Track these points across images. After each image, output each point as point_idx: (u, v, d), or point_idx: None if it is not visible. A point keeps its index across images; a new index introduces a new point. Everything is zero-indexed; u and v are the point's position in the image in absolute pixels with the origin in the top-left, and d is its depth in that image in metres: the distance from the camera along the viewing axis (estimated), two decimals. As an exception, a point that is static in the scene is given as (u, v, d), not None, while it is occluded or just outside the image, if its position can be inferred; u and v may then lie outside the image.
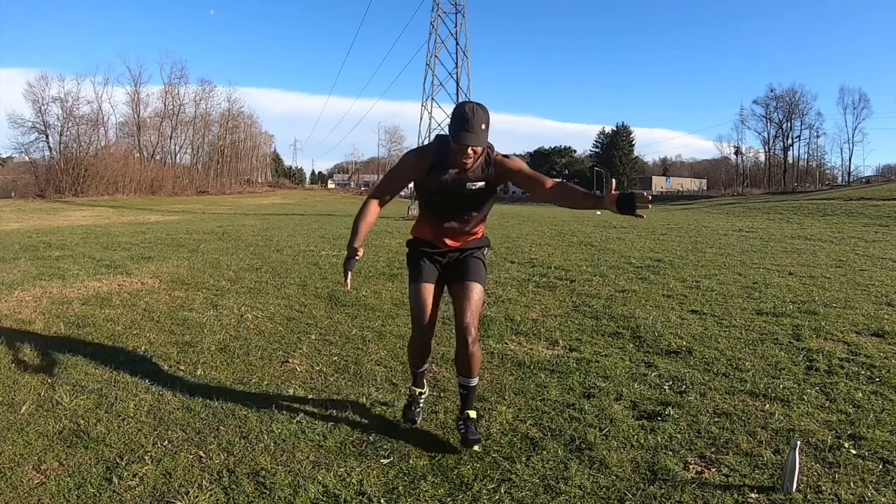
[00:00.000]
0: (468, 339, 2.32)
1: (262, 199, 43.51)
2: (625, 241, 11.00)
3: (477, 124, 2.13)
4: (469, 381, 2.42)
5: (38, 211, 23.27)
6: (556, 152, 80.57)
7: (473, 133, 2.12)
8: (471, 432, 2.35)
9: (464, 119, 2.12)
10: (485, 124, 2.15)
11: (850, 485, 2.09)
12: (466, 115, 2.12)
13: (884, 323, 4.38)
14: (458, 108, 2.18)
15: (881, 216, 17.05)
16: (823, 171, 62.26)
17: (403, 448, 2.38)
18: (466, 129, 2.12)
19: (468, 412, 2.42)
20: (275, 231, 13.36)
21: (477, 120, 2.13)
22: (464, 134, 2.12)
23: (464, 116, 2.13)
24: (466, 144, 2.14)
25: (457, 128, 2.14)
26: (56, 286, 5.72)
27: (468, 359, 2.35)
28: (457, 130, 2.14)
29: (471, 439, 2.32)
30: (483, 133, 2.15)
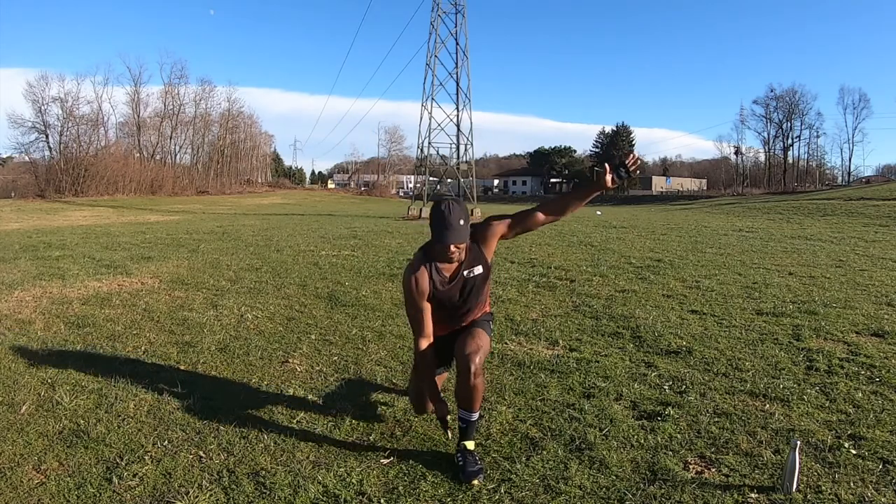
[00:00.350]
0: (471, 369, 2.19)
1: (262, 199, 43.50)
2: (625, 241, 11.00)
3: (455, 221, 2.18)
4: (470, 416, 2.27)
5: (38, 211, 23.27)
6: (556, 152, 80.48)
7: (454, 230, 2.18)
8: (469, 464, 2.18)
9: (442, 219, 2.18)
10: (463, 219, 2.20)
11: (850, 485, 2.09)
12: (443, 214, 2.18)
13: (884, 323, 4.38)
14: (434, 210, 2.23)
15: (881, 216, 17.05)
16: (823, 171, 62.25)
17: (403, 448, 2.38)
18: (446, 228, 2.17)
19: (465, 443, 2.25)
20: (275, 231, 13.36)
21: (454, 217, 2.18)
22: (445, 233, 2.18)
23: (441, 217, 2.18)
24: (449, 243, 2.19)
25: (438, 229, 2.19)
26: (56, 286, 5.72)
27: (470, 390, 2.21)
28: (439, 232, 2.19)
29: (469, 471, 2.15)
30: (464, 228, 2.20)
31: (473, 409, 2.26)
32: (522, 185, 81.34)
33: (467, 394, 2.22)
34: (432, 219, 2.22)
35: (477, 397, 2.23)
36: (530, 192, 75.85)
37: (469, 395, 2.22)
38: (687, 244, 10.37)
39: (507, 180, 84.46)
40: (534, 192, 74.25)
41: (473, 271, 2.36)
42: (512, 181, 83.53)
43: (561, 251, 9.14)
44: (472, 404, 2.24)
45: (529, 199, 60.08)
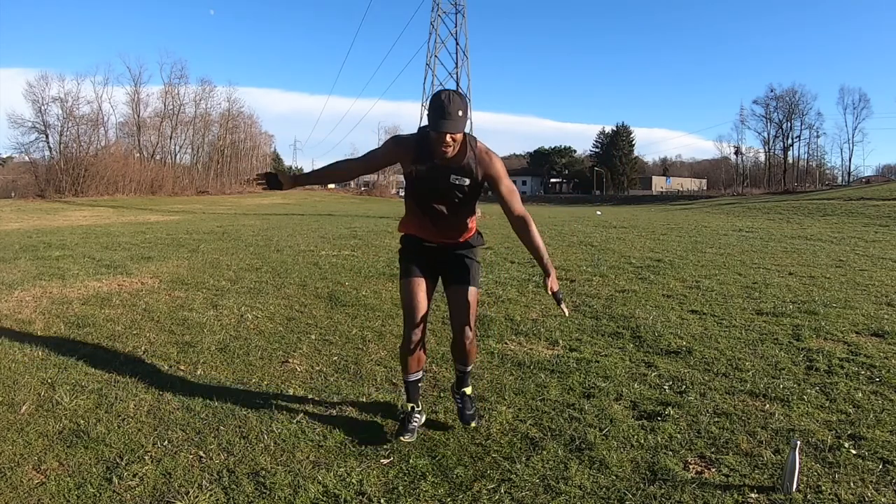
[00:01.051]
0: (465, 341, 2.46)
1: (262, 199, 43.48)
2: (625, 241, 11.00)
3: (454, 111, 2.12)
4: (465, 367, 2.57)
5: (38, 211, 23.26)
6: (556, 152, 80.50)
7: (451, 120, 2.12)
8: (467, 408, 2.54)
9: (440, 107, 2.11)
10: (462, 111, 2.14)
11: (850, 485, 2.09)
12: (443, 103, 2.11)
13: (884, 323, 4.38)
14: (434, 97, 2.17)
15: (881, 216, 17.05)
16: (823, 171, 62.26)
17: (403, 448, 2.38)
18: (443, 116, 2.11)
19: (465, 389, 2.57)
20: (275, 231, 13.36)
21: (454, 107, 2.12)
22: (441, 122, 2.11)
23: (440, 104, 2.12)
24: (444, 132, 2.13)
25: (434, 117, 2.13)
26: (56, 286, 5.72)
27: (465, 353, 2.50)
28: (434, 119, 2.13)
29: (467, 415, 2.53)
30: (460, 120, 2.14)
31: (468, 364, 2.55)
32: (522, 185, 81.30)
33: (463, 354, 2.49)
34: (430, 106, 2.16)
35: (472, 355, 2.52)
36: (530, 192, 75.82)
37: (464, 355, 2.50)
38: (687, 244, 10.37)
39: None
40: (534, 192, 74.26)
41: (459, 179, 2.30)
42: (512, 181, 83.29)
43: (561, 251, 9.14)
44: (467, 361, 2.53)
45: (529, 199, 60.07)
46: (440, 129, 2.12)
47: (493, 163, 2.33)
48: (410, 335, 2.39)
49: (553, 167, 78.58)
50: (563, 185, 78.79)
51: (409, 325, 2.39)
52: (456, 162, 2.28)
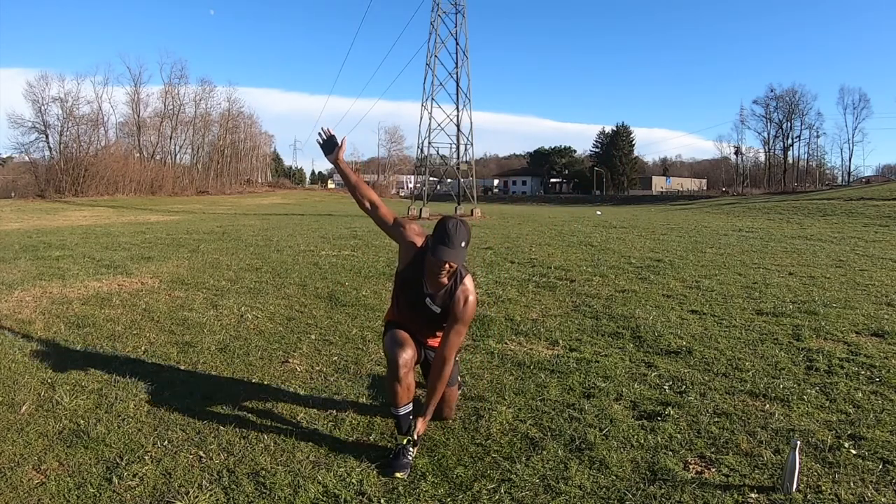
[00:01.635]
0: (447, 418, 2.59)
1: (262, 199, 43.50)
2: (625, 241, 11.00)
3: (458, 242, 2.18)
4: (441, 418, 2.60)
5: (38, 211, 23.27)
6: (556, 152, 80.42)
7: (452, 250, 2.18)
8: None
9: (445, 235, 2.18)
10: (465, 242, 2.21)
11: (850, 485, 2.09)
12: (448, 232, 2.17)
13: (884, 323, 4.38)
14: (441, 223, 2.23)
15: (881, 216, 17.05)
16: (823, 171, 62.22)
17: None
18: (446, 244, 2.17)
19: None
20: (275, 231, 13.36)
21: (458, 238, 2.18)
22: (443, 249, 2.17)
23: (446, 233, 2.18)
24: (444, 260, 2.18)
25: (436, 243, 2.19)
26: (56, 286, 5.72)
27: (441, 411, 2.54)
28: (436, 245, 2.18)
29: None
30: (461, 251, 2.20)
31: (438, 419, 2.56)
32: (522, 185, 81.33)
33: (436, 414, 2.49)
34: (436, 231, 2.23)
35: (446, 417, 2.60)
36: (530, 192, 75.82)
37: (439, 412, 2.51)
38: (687, 244, 10.37)
39: (507, 180, 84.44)
40: (534, 192, 74.25)
41: (433, 306, 2.35)
42: (512, 181, 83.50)
43: (561, 251, 9.14)
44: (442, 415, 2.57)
45: (529, 199, 60.09)
46: (440, 257, 2.18)
47: (466, 307, 2.34)
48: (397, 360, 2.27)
49: (553, 167, 78.50)
50: (563, 185, 78.72)
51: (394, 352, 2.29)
52: (436, 287, 2.33)
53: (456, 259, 2.19)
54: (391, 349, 2.32)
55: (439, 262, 2.19)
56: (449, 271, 2.25)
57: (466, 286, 2.34)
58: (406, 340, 2.36)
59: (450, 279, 2.31)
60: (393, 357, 2.29)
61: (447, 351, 2.32)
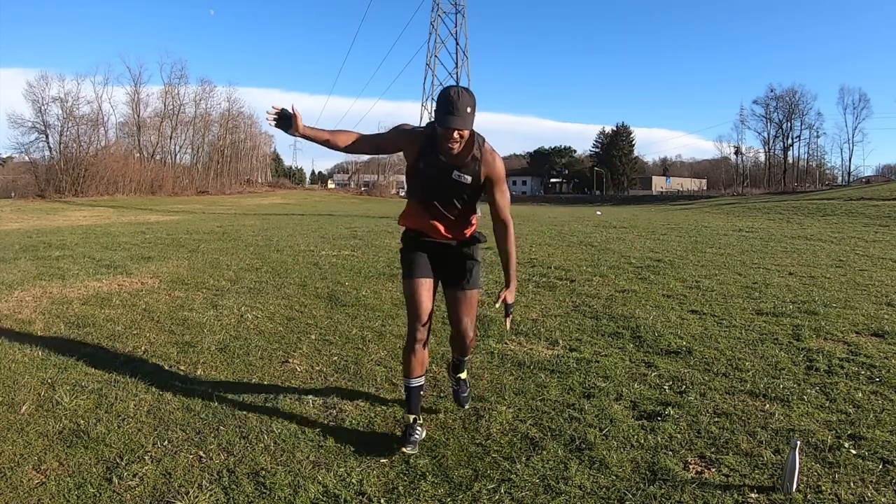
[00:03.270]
0: (466, 341, 2.52)
1: (262, 199, 43.49)
2: (625, 241, 11.00)
3: (462, 107, 2.10)
4: (463, 357, 2.68)
5: (38, 211, 23.26)
6: (556, 152, 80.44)
7: (459, 116, 2.10)
8: (462, 390, 2.74)
9: (449, 102, 2.10)
10: (470, 108, 2.12)
11: (850, 485, 2.09)
12: (451, 99, 2.10)
13: (884, 323, 4.38)
14: (443, 93, 2.15)
15: (881, 216, 17.05)
16: (823, 171, 62.26)
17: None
18: (451, 112, 2.09)
19: (460, 375, 2.73)
20: (275, 231, 13.36)
21: (462, 103, 2.10)
22: (449, 117, 2.09)
23: (449, 100, 2.10)
24: (452, 128, 2.11)
25: (442, 112, 2.11)
26: (56, 286, 5.72)
27: (465, 347, 2.57)
28: (442, 114, 2.11)
29: (462, 397, 2.74)
30: (469, 116, 2.13)
31: (466, 354, 2.65)
32: (522, 185, 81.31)
33: (462, 348, 2.58)
34: (438, 101, 2.14)
35: (470, 349, 2.60)
36: (530, 192, 75.82)
37: (463, 349, 2.58)
38: (687, 244, 10.37)
39: (507, 180, 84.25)
40: (534, 192, 74.25)
41: (463, 177, 2.28)
42: (512, 181, 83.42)
43: (561, 251, 9.14)
44: (465, 352, 2.63)
45: (529, 199, 60.07)
46: (448, 125, 2.11)
47: (496, 165, 2.33)
48: (415, 335, 2.35)
49: (553, 167, 78.54)
50: (563, 185, 78.78)
51: (414, 325, 2.36)
52: (460, 159, 2.26)
53: (464, 125, 2.12)
54: (412, 319, 2.36)
55: (449, 130, 2.12)
56: (460, 140, 2.18)
57: (489, 147, 2.31)
58: (425, 308, 2.35)
59: (463, 147, 2.23)
60: (412, 329, 2.36)
61: (505, 213, 2.37)
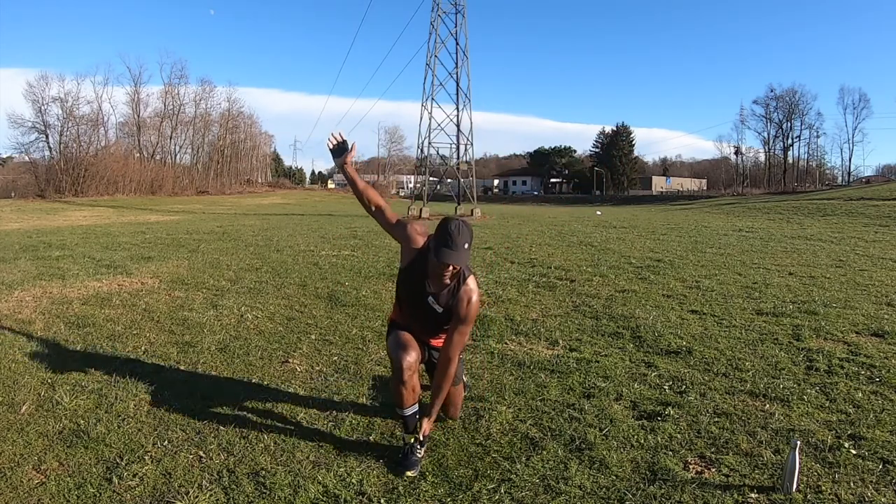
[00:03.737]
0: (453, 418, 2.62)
1: (262, 200, 43.51)
2: (625, 241, 11.00)
3: (460, 243, 2.16)
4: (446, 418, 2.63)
5: (38, 211, 23.27)
6: (556, 152, 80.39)
7: (455, 252, 2.15)
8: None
9: (448, 237, 2.16)
10: (468, 244, 2.19)
11: (850, 485, 2.09)
12: (451, 234, 2.15)
13: (884, 323, 4.38)
14: (443, 224, 2.21)
15: (881, 216, 17.05)
16: (823, 171, 62.22)
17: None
18: (449, 247, 2.15)
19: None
20: (275, 231, 13.36)
21: (461, 239, 2.16)
22: (445, 252, 2.15)
23: (448, 234, 2.16)
24: (447, 263, 2.16)
25: (439, 245, 2.17)
26: (56, 286, 5.72)
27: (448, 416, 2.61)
28: (439, 248, 2.16)
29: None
30: (465, 252, 2.18)
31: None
32: (522, 185, 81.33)
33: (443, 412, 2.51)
34: (438, 233, 2.21)
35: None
36: (530, 192, 75.79)
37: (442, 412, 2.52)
38: (687, 244, 10.37)
39: (507, 180, 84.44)
40: (534, 192, 74.22)
41: (435, 305, 2.32)
42: (512, 181, 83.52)
43: (561, 251, 9.14)
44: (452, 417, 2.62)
45: (529, 200, 60.08)
46: (442, 260, 2.16)
47: (469, 306, 2.31)
48: (401, 363, 2.27)
49: (553, 167, 78.46)
50: (563, 185, 78.72)
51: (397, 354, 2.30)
52: (441, 287, 2.31)
53: (458, 261, 2.18)
54: (395, 352, 2.32)
55: (442, 264, 2.18)
56: (452, 272, 2.24)
57: (469, 286, 2.33)
58: (409, 342, 2.35)
59: (452, 279, 2.30)
60: (397, 360, 2.29)
61: (451, 350, 2.31)
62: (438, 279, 2.26)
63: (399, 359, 2.28)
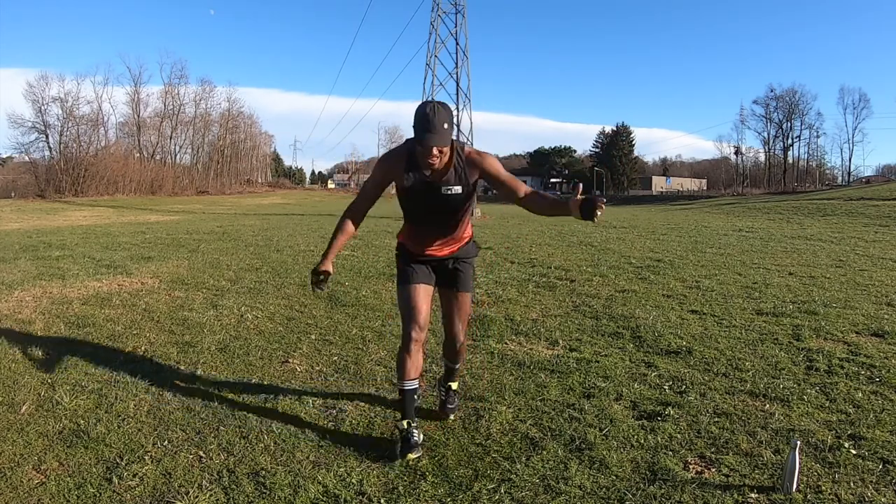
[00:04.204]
0: (457, 345, 2.59)
1: (262, 199, 43.51)
2: (625, 241, 11.00)
3: (439, 124, 2.09)
4: (454, 365, 2.69)
5: (38, 211, 23.27)
6: (556, 152, 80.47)
7: (436, 133, 2.09)
8: (450, 401, 2.68)
9: (426, 120, 2.09)
10: (447, 123, 2.12)
11: (850, 485, 2.09)
12: (427, 116, 2.09)
13: (884, 323, 4.38)
14: (419, 110, 2.14)
15: (881, 216, 17.05)
16: (823, 171, 62.23)
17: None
18: (428, 129, 2.09)
19: (451, 384, 2.70)
20: (275, 231, 13.36)
21: (439, 119, 2.09)
22: (426, 135, 2.09)
23: (425, 117, 2.09)
24: (430, 146, 2.11)
25: (419, 129, 2.11)
26: (56, 286, 5.72)
27: (456, 353, 2.63)
28: (419, 132, 2.11)
29: (448, 407, 2.67)
30: (446, 132, 2.12)
31: (457, 362, 2.68)
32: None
33: (454, 354, 2.63)
34: (415, 119, 2.13)
35: (462, 354, 2.67)
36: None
37: (454, 356, 2.64)
38: (687, 244, 10.37)
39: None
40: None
41: (452, 189, 2.28)
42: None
43: (561, 251, 9.14)
44: (456, 360, 2.67)
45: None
46: (425, 143, 2.11)
47: (486, 160, 2.31)
48: (411, 335, 2.31)
49: (553, 167, 78.52)
50: (564, 185, 78.75)
51: (409, 326, 2.34)
52: (446, 172, 2.27)
53: (442, 141, 2.11)
54: (407, 321, 2.33)
55: (427, 149, 2.11)
56: (441, 156, 2.17)
57: (469, 150, 2.30)
58: (420, 310, 2.33)
59: (450, 161, 2.24)
60: (407, 332, 2.32)
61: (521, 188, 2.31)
62: (429, 167, 2.19)
63: (409, 331, 2.31)
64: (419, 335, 2.34)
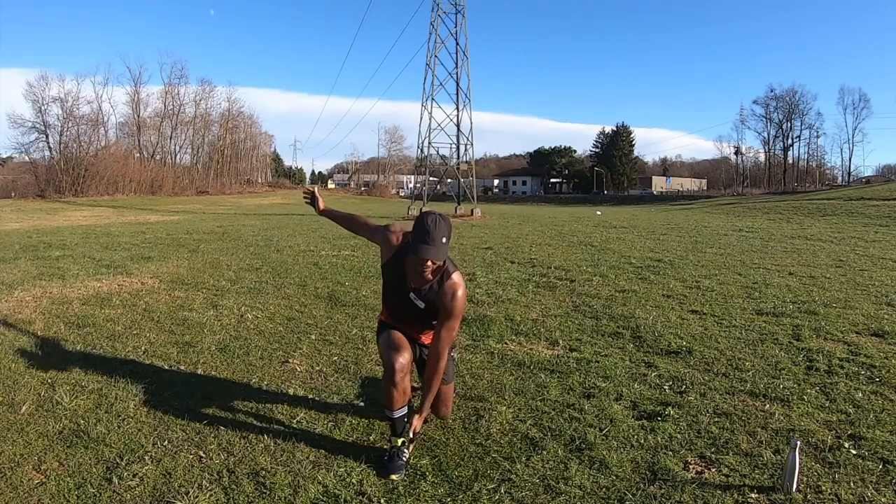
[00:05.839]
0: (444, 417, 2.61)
1: (262, 200, 43.50)
2: (625, 241, 11.00)
3: (438, 238, 2.14)
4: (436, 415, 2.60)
5: (38, 211, 23.27)
6: (556, 152, 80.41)
7: (433, 247, 2.14)
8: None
9: (425, 232, 2.14)
10: (445, 238, 2.17)
11: (850, 485, 2.09)
12: (428, 228, 2.14)
13: (884, 323, 4.37)
14: (420, 219, 2.20)
15: (881, 216, 17.04)
16: (823, 171, 62.22)
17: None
18: (426, 242, 2.14)
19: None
20: (275, 231, 13.36)
21: (438, 234, 2.14)
22: (423, 247, 2.14)
23: (425, 229, 2.15)
24: (425, 258, 2.15)
25: (417, 240, 2.16)
26: (56, 286, 5.72)
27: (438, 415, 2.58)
28: (416, 242, 2.16)
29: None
30: (443, 247, 2.17)
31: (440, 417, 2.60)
32: (522, 185, 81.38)
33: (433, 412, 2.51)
34: (415, 228, 2.19)
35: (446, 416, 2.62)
36: (530, 192, 75.84)
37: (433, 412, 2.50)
38: (687, 244, 10.37)
39: (507, 180, 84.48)
40: (534, 192, 74.26)
41: (416, 301, 2.31)
42: (512, 181, 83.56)
43: (561, 251, 9.14)
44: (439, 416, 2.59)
45: (529, 200, 60.08)
46: (421, 255, 2.14)
47: (454, 300, 2.28)
48: (394, 365, 2.24)
49: (553, 167, 78.47)
50: (564, 185, 78.76)
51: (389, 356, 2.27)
52: (420, 285, 2.29)
53: (437, 255, 2.15)
54: (387, 353, 2.30)
55: (420, 259, 2.16)
56: (432, 268, 2.22)
57: (454, 280, 2.31)
58: (401, 343, 2.33)
59: (435, 275, 2.28)
60: (388, 361, 2.28)
61: (440, 346, 2.29)
62: (419, 276, 2.24)
63: (391, 360, 2.26)
64: (402, 364, 2.25)
